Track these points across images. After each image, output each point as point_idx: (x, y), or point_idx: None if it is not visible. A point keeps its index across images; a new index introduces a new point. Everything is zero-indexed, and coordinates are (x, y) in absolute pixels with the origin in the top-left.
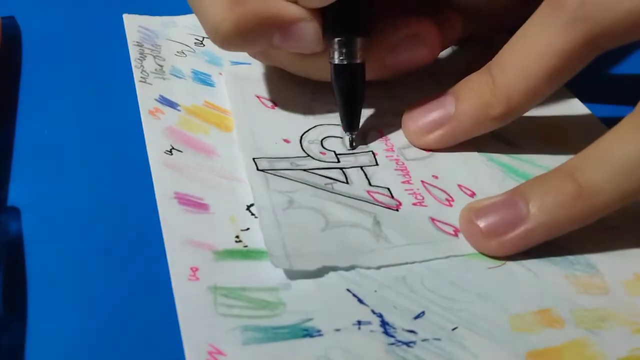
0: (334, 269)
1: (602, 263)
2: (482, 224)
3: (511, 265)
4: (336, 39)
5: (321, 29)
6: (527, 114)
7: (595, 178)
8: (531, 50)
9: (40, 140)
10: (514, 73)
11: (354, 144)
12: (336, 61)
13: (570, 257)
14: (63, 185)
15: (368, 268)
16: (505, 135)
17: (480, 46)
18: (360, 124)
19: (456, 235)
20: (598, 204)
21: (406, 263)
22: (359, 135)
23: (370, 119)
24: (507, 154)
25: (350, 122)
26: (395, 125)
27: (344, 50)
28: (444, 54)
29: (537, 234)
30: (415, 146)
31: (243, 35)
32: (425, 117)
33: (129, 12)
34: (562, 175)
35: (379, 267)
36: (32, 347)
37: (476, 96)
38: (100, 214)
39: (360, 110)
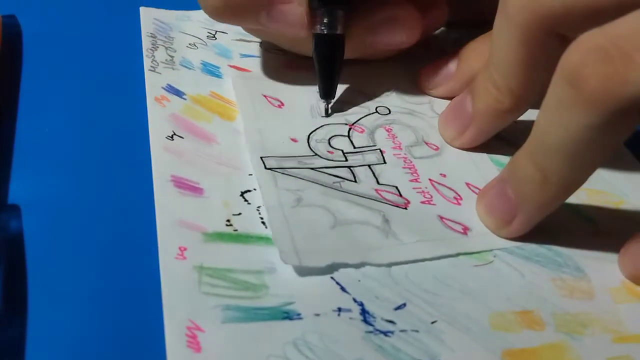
0: (344, 266)
1: (591, 268)
2: (489, 220)
3: (498, 264)
4: (319, 10)
5: (307, 14)
6: (529, 114)
7: (549, 165)
8: (501, 46)
9: (41, 138)
10: (501, 68)
11: (329, 112)
12: (317, 31)
13: (559, 260)
14: (64, 182)
15: (378, 265)
16: (507, 136)
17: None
18: (368, 122)
19: (465, 233)
20: (564, 185)
21: (415, 260)
22: (336, 104)
23: (378, 116)
24: (509, 154)
25: (326, 91)
26: (403, 123)
27: (325, 21)
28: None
29: (531, 219)
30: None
31: (231, 9)
32: (454, 122)
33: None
34: (526, 161)
35: (389, 265)
36: (32, 344)
37: (486, 93)
38: (101, 212)
39: (337, 80)
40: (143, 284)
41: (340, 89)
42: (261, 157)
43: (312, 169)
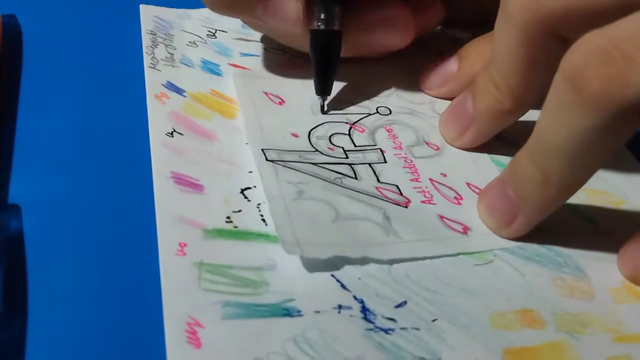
0: (345, 261)
1: (591, 268)
2: (490, 220)
3: (499, 263)
4: (316, 6)
5: (304, 9)
6: (530, 115)
7: (550, 166)
8: (502, 47)
9: (41, 138)
10: (502, 68)
11: (325, 109)
12: (315, 27)
13: (560, 260)
14: (64, 182)
15: (379, 261)
16: (507, 136)
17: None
18: (369, 122)
19: (465, 233)
20: (565, 186)
21: (415, 259)
22: (332, 101)
23: (378, 117)
24: (510, 154)
25: (323, 87)
26: (403, 123)
27: (322, 17)
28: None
29: (532, 220)
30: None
31: (228, 1)
32: (455, 122)
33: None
34: (527, 161)
35: (390, 262)
36: (32, 344)
37: (487, 94)
38: (101, 210)
39: (333, 77)
40: (143, 280)
41: (341, 89)
42: (262, 149)
43: (313, 164)
